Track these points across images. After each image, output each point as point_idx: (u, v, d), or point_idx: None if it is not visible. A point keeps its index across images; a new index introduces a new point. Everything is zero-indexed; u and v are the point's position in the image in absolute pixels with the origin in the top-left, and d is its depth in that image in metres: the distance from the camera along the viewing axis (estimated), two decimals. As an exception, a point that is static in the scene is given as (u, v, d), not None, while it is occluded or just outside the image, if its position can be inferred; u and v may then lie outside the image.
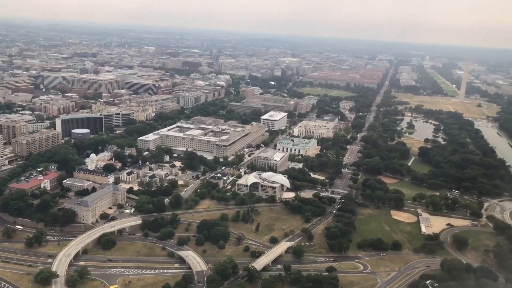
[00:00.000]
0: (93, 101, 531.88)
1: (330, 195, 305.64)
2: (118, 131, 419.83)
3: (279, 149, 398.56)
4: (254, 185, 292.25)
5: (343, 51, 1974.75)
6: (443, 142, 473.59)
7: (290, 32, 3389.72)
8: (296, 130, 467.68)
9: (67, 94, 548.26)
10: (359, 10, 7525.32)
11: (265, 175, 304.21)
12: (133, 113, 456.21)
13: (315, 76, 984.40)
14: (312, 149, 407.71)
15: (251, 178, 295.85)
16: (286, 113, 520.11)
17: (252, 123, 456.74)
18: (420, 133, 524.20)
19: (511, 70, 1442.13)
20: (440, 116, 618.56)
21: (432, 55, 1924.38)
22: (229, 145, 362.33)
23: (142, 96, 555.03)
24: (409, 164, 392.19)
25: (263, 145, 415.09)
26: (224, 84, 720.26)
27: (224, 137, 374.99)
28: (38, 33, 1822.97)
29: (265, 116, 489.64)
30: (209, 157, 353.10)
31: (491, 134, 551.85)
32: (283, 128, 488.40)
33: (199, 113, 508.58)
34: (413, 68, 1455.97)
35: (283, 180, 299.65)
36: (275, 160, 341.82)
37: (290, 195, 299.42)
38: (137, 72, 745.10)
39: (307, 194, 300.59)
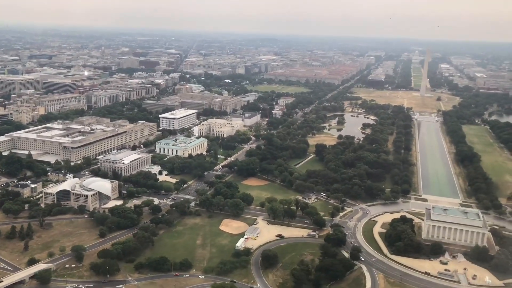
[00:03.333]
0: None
1: (167, 202, 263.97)
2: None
3: (155, 151, 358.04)
4: (64, 193, 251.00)
5: (338, 48, 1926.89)
6: (360, 139, 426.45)
7: (292, 31, 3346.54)
8: (196, 129, 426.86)
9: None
10: (363, 8, 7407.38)
11: (88, 181, 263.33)
12: (11, 114, 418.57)
13: (278, 73, 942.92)
14: (198, 149, 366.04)
15: (63, 185, 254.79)
16: (195, 111, 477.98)
17: (140, 121, 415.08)
18: (347, 130, 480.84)
19: (504, 64, 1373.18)
20: (381, 111, 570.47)
21: (432, 50, 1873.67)
22: (79, 146, 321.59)
23: (49, 95, 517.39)
24: (302, 163, 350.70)
25: (142, 146, 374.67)
26: (162, 82, 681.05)
27: (77, 138, 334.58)
28: (25, 37, 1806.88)
29: (165, 115, 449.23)
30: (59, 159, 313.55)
31: (430, 129, 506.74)
32: (187, 126, 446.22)
33: (101, 112, 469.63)
34: (397, 63, 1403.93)
35: (103, 187, 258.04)
36: (122, 163, 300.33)
37: (118, 203, 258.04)
38: (65, 72, 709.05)
39: (139, 201, 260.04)
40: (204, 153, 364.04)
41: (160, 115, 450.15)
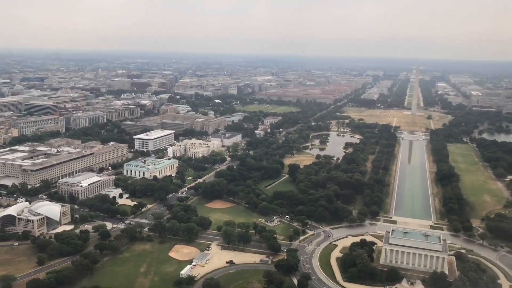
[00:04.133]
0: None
1: (120, 227, 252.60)
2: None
3: (122, 172, 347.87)
4: (10, 219, 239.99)
5: (337, 68, 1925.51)
6: (339, 158, 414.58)
7: (294, 53, 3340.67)
8: (170, 150, 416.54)
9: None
10: (366, 29, 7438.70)
11: (37, 205, 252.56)
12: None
13: (270, 93, 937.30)
14: (168, 170, 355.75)
15: (9, 210, 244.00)
16: (172, 132, 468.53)
17: (110, 143, 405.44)
18: (330, 149, 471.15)
19: (502, 82, 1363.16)
20: (367, 130, 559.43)
21: (434, 69, 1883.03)
22: (39, 169, 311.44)
23: (26, 117, 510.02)
24: (274, 184, 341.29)
25: (110, 168, 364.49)
26: (148, 103, 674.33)
27: (38, 161, 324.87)
28: (25, 61, 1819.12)
29: (140, 135, 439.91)
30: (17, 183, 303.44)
31: (415, 147, 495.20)
32: (163, 147, 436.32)
33: (76, 134, 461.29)
34: (394, 82, 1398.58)
35: (51, 211, 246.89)
36: (80, 186, 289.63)
37: (68, 228, 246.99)
38: (51, 94, 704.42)
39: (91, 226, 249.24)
40: (174, 174, 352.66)
41: (134, 136, 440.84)
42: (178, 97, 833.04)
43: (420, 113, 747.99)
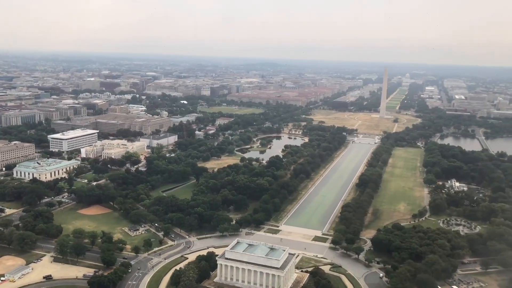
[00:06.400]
0: None
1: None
2: None
3: (12, 173, 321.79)
4: None
5: (335, 72, 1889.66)
6: (265, 162, 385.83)
7: (300, 57, 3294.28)
8: (83, 151, 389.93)
9: None
10: (371, 34, 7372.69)
11: None
12: None
13: (242, 94, 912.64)
14: (64, 172, 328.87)
15: None
16: (95, 132, 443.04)
17: (13, 142, 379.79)
18: (272, 152, 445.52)
19: (497, 87, 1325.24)
20: (316, 133, 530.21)
21: (433, 73, 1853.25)
22: None
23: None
24: (178, 188, 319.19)
25: (4, 169, 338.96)
26: (100, 103, 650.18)
27: None
28: (16, 62, 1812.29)
29: (55, 135, 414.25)
30: None
31: (360, 151, 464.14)
32: (82, 147, 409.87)
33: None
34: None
35: None
36: None
37: None
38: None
39: None
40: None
41: (49, 136, 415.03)
42: (143, 97, 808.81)
43: (388, 116, 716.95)
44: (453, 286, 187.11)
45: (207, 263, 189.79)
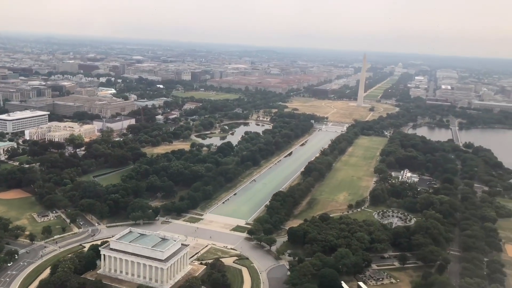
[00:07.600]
0: None
1: None
2: None
3: None
4: None
5: (330, 60, 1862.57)
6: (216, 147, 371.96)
7: (301, 45, 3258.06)
8: (27, 132, 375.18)
9: None
10: (371, 24, 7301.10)
11: None
12: None
13: (222, 80, 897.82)
14: None
15: None
16: (46, 113, 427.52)
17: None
18: (231, 139, 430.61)
19: (491, 78, 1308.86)
20: (282, 119, 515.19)
21: (429, 65, 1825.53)
22: None
23: None
24: (113, 174, 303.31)
25: None
26: (68, 85, 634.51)
27: None
28: (5, 43, 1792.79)
29: (0, 116, 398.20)
30: None
31: (323, 140, 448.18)
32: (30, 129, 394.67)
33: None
34: (374, 75, 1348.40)
35: None
36: None
37: None
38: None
39: None
40: (3, 158, 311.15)
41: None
42: (119, 81, 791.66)
43: (366, 104, 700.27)
44: (359, 282, 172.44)
45: (94, 253, 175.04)
